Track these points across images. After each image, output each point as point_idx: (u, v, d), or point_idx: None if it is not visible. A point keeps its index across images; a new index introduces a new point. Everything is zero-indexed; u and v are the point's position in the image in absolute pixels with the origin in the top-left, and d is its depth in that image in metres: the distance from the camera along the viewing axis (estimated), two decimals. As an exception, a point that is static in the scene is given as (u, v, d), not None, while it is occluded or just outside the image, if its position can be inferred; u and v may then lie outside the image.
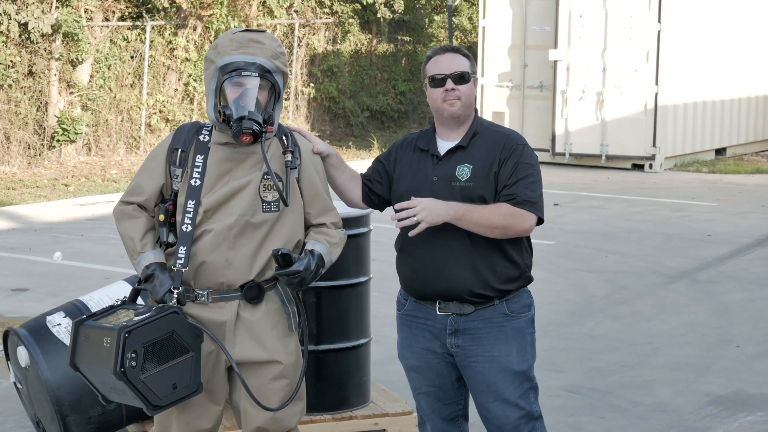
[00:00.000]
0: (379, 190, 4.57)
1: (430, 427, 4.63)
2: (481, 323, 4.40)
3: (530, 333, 4.54)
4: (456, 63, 4.43)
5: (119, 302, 4.24)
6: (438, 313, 4.43)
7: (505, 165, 4.34)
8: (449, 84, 4.39)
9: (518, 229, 4.33)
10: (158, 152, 4.33)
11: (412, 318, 4.52)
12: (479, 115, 4.52)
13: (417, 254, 4.40)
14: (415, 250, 4.41)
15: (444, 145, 4.45)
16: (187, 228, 4.19)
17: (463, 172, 4.36)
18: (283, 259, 4.13)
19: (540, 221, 4.40)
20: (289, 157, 4.26)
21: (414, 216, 4.21)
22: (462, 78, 4.40)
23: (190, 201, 4.21)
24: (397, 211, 4.27)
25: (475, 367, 4.43)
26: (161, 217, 4.27)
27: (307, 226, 4.39)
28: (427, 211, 4.21)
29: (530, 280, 4.53)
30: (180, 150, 4.27)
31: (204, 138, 4.29)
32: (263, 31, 4.29)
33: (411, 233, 4.26)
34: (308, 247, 4.30)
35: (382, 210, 4.73)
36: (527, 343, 4.51)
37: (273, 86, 4.24)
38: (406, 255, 4.46)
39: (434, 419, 4.61)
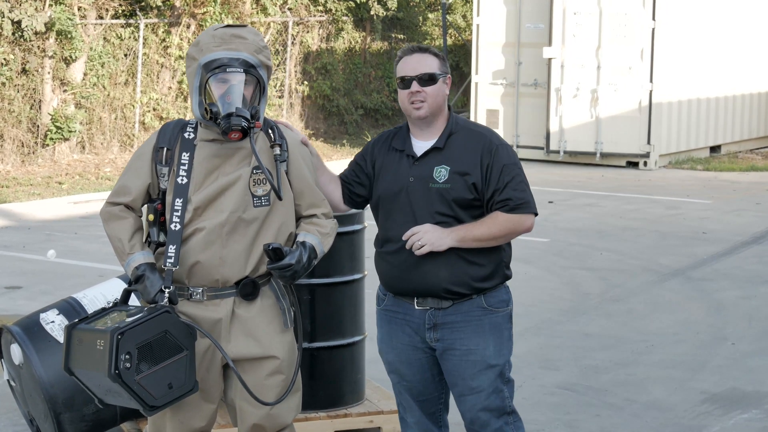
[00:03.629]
0: (360, 190, 4.57)
1: (411, 421, 4.65)
2: (459, 316, 4.42)
3: (508, 328, 4.54)
4: (423, 64, 4.41)
5: (111, 304, 4.21)
6: (416, 307, 4.45)
7: (490, 170, 4.35)
8: (415, 86, 4.39)
9: (520, 232, 4.41)
10: (143, 151, 4.30)
11: (392, 313, 4.54)
12: (453, 112, 4.52)
13: (394, 252, 4.42)
14: (392, 248, 4.42)
15: (419, 145, 4.44)
16: (175, 227, 4.17)
17: (441, 173, 4.37)
18: (275, 253, 4.12)
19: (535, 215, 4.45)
20: (277, 150, 4.24)
21: (418, 241, 4.28)
22: (430, 79, 4.39)
23: (177, 199, 4.19)
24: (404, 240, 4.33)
25: (452, 359, 4.45)
26: (150, 217, 4.25)
27: (298, 218, 4.37)
28: (431, 237, 4.27)
29: (508, 277, 4.54)
30: (165, 148, 4.25)
31: (189, 135, 4.27)
32: (245, 26, 4.26)
33: (417, 253, 4.30)
34: (300, 239, 4.28)
35: (363, 208, 4.72)
36: (504, 338, 4.51)
37: (258, 81, 4.21)
38: (385, 252, 4.48)
39: (414, 413, 4.62)
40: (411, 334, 4.49)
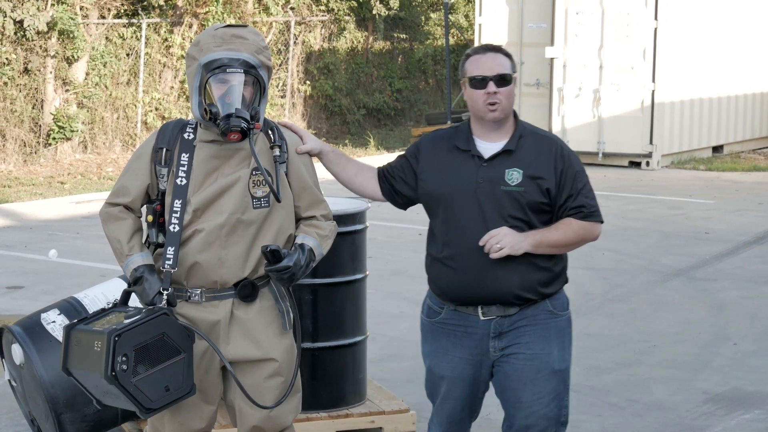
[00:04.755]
0: (404, 189, 4.45)
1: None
2: (525, 321, 4.32)
3: (569, 333, 4.45)
4: (497, 64, 4.29)
5: (110, 305, 4.20)
6: (481, 318, 4.31)
7: (564, 175, 4.28)
8: (491, 87, 4.25)
9: (589, 240, 4.38)
10: (143, 152, 4.28)
11: (451, 327, 4.39)
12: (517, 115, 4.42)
13: (459, 261, 4.28)
14: (458, 255, 4.28)
15: (485, 146, 4.31)
16: (174, 228, 4.15)
17: (513, 176, 4.25)
18: (272, 255, 4.09)
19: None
20: (277, 151, 4.22)
21: (497, 244, 4.16)
22: (503, 80, 4.27)
23: (176, 200, 4.17)
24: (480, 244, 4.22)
25: (515, 363, 4.32)
26: (149, 218, 4.23)
27: (298, 219, 4.35)
28: (510, 240, 4.16)
29: (567, 279, 4.47)
30: (165, 149, 4.22)
31: (188, 136, 4.24)
32: (245, 26, 4.22)
33: (494, 256, 4.18)
34: (298, 241, 4.25)
35: (405, 209, 4.60)
36: (566, 343, 4.42)
37: (258, 81, 4.17)
38: (448, 260, 4.31)
39: (448, 426, 4.50)
40: (471, 348, 4.35)
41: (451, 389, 4.44)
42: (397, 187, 4.46)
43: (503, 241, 4.16)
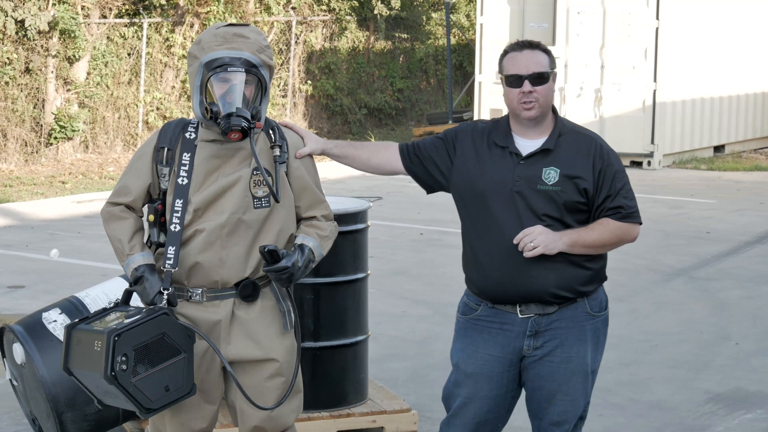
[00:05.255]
0: (435, 172, 4.37)
1: None
2: (563, 322, 4.27)
3: (604, 333, 4.41)
4: (535, 62, 4.22)
5: (112, 304, 4.20)
6: (519, 316, 4.25)
7: (603, 175, 4.21)
8: (527, 86, 4.19)
9: (627, 241, 4.30)
10: (144, 151, 4.27)
11: (486, 323, 4.31)
12: (557, 112, 4.36)
13: (496, 256, 4.22)
14: (494, 252, 4.23)
15: (524, 144, 4.25)
16: (175, 228, 4.14)
17: (550, 175, 4.19)
18: (271, 256, 4.07)
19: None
20: (277, 151, 4.20)
21: (531, 242, 4.10)
22: (540, 77, 4.21)
23: (177, 200, 4.15)
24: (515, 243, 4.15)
25: (549, 365, 4.28)
26: (151, 218, 4.21)
27: (298, 220, 4.33)
28: (544, 239, 4.10)
29: (606, 277, 4.40)
30: (166, 148, 4.21)
31: (190, 135, 4.22)
32: (247, 25, 4.21)
33: (527, 255, 4.12)
34: (298, 241, 4.24)
35: (429, 192, 4.50)
36: (600, 344, 4.39)
37: (259, 81, 4.16)
38: (483, 257, 4.26)
39: (475, 426, 4.39)
40: (503, 345, 4.28)
41: (478, 388, 4.36)
42: (428, 167, 4.40)
43: (537, 239, 4.10)
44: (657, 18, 17.85)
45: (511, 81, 4.22)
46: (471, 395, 4.37)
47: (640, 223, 4.32)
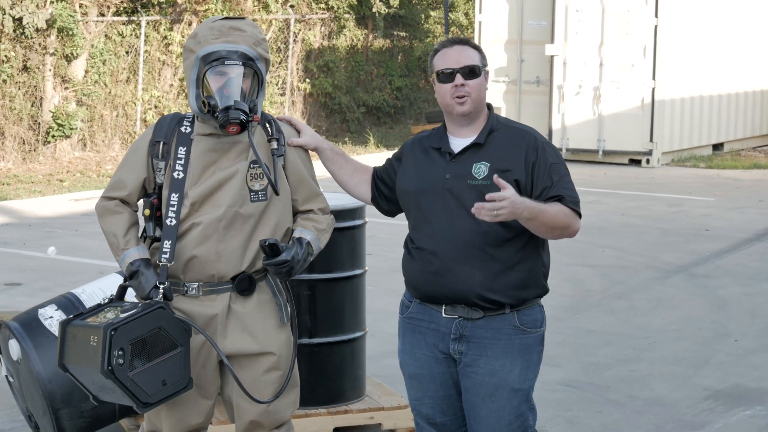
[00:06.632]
0: (388, 192, 4.37)
1: None
2: (489, 332, 4.11)
3: (538, 351, 4.21)
4: (465, 56, 4.15)
5: (107, 300, 4.18)
6: (444, 315, 4.15)
7: (537, 168, 4.09)
8: (458, 79, 4.11)
9: (572, 231, 4.11)
10: (140, 145, 4.25)
11: (416, 321, 4.25)
12: (492, 110, 4.27)
13: (425, 252, 4.13)
14: (424, 248, 4.15)
15: (457, 142, 4.19)
16: (171, 222, 4.12)
17: (480, 170, 4.10)
18: (271, 249, 4.06)
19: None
20: (274, 144, 4.19)
21: (495, 211, 3.86)
22: (472, 72, 4.12)
23: (173, 194, 4.13)
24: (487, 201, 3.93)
25: (474, 377, 4.14)
26: (147, 212, 4.19)
27: (295, 213, 4.32)
28: (511, 204, 3.85)
29: (546, 290, 4.25)
30: (162, 142, 4.19)
31: (186, 129, 4.21)
32: (243, 18, 4.19)
33: (482, 217, 3.88)
34: (296, 234, 4.23)
35: (392, 216, 4.47)
36: (533, 362, 4.18)
37: (256, 74, 4.14)
38: (415, 253, 4.18)
39: (431, 428, 4.30)
40: (434, 345, 4.18)
41: (424, 390, 4.28)
42: (382, 190, 4.39)
43: (502, 212, 3.86)
44: (656, 16, 17.84)
45: (443, 77, 4.16)
46: (419, 397, 4.30)
47: (581, 217, 4.12)
